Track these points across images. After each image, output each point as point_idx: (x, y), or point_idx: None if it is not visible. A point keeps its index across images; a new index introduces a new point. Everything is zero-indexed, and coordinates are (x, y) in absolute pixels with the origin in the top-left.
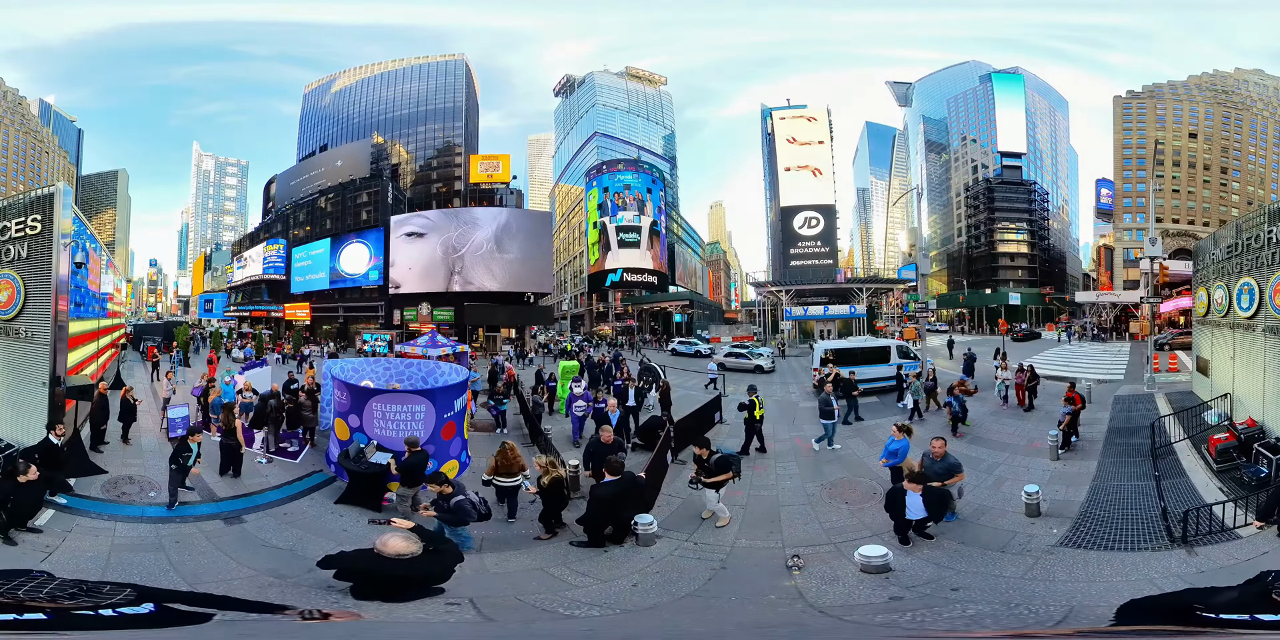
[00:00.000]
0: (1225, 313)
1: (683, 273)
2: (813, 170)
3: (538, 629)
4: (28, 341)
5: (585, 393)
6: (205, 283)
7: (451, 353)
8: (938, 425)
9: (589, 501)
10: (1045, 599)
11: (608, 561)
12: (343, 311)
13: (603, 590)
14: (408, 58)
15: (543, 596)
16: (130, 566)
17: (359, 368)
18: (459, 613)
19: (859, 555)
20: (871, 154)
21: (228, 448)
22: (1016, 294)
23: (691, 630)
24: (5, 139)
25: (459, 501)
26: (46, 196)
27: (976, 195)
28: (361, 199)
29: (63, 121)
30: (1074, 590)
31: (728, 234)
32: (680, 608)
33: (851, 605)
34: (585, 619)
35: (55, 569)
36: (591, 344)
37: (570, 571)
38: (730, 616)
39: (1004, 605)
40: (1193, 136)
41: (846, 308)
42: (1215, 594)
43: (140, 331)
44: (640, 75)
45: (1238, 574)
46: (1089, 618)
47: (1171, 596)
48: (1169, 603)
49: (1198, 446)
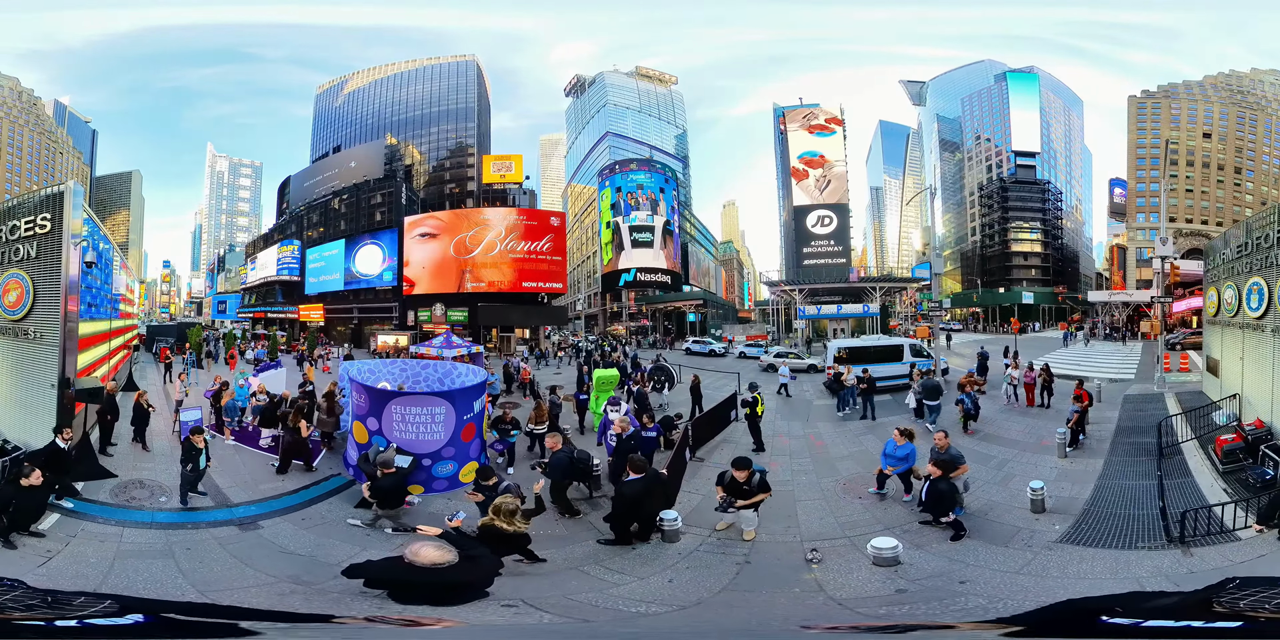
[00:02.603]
0: (1235, 313)
1: (696, 272)
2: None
3: (632, 627)
4: (37, 342)
5: (630, 417)
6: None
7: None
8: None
9: (614, 499)
10: (1030, 594)
11: (637, 559)
12: (357, 313)
13: (643, 587)
14: (418, 59)
15: (593, 595)
16: (133, 574)
17: (376, 369)
18: (524, 615)
19: (871, 547)
20: (885, 153)
21: (294, 444)
22: (1030, 293)
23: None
24: (20, 139)
25: (506, 486)
26: (56, 195)
27: (990, 194)
28: (375, 200)
29: (77, 122)
30: (1059, 586)
31: (741, 233)
32: (725, 603)
33: (865, 597)
34: (655, 617)
35: (52, 575)
36: (609, 344)
37: (605, 569)
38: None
39: (989, 600)
40: (1207, 136)
41: (860, 307)
42: (1153, 598)
43: (153, 333)
44: (651, 74)
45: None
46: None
47: (1108, 599)
48: (1101, 605)
49: (1204, 447)
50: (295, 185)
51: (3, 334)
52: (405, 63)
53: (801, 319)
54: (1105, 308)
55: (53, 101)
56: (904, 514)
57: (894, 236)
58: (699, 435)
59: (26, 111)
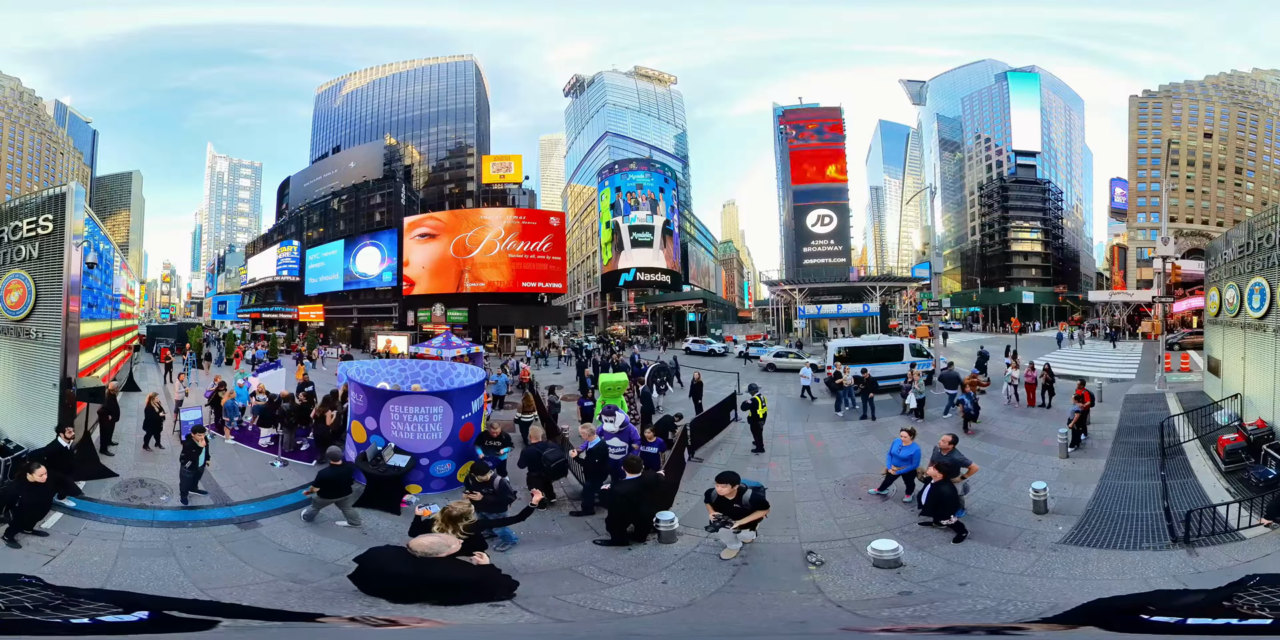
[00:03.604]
0: (1236, 313)
1: (696, 272)
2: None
3: (608, 628)
4: (39, 342)
5: (629, 427)
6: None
7: (466, 354)
8: (948, 425)
9: (610, 500)
10: (1036, 595)
11: (633, 560)
12: (357, 313)
13: (636, 588)
14: (417, 59)
15: (583, 596)
16: (137, 572)
17: (375, 369)
18: (510, 614)
19: (871, 550)
20: (885, 152)
21: (322, 436)
22: (1030, 293)
23: (737, 625)
24: (20, 140)
25: (503, 482)
26: (58, 196)
27: (990, 194)
28: (375, 200)
29: (78, 123)
30: (1065, 587)
31: (741, 233)
32: (716, 604)
33: (865, 600)
34: (640, 618)
35: (57, 573)
36: (607, 344)
37: (599, 570)
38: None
39: (995, 601)
40: (1208, 136)
41: (860, 306)
42: (1180, 596)
43: (153, 333)
44: (650, 74)
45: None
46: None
47: (1138, 597)
48: (1134, 603)
49: (1206, 447)
50: (295, 186)
51: (5, 334)
52: (404, 63)
53: (801, 318)
54: (1106, 307)
55: (54, 102)
56: (905, 515)
57: (894, 236)
58: (699, 435)
59: (28, 112)
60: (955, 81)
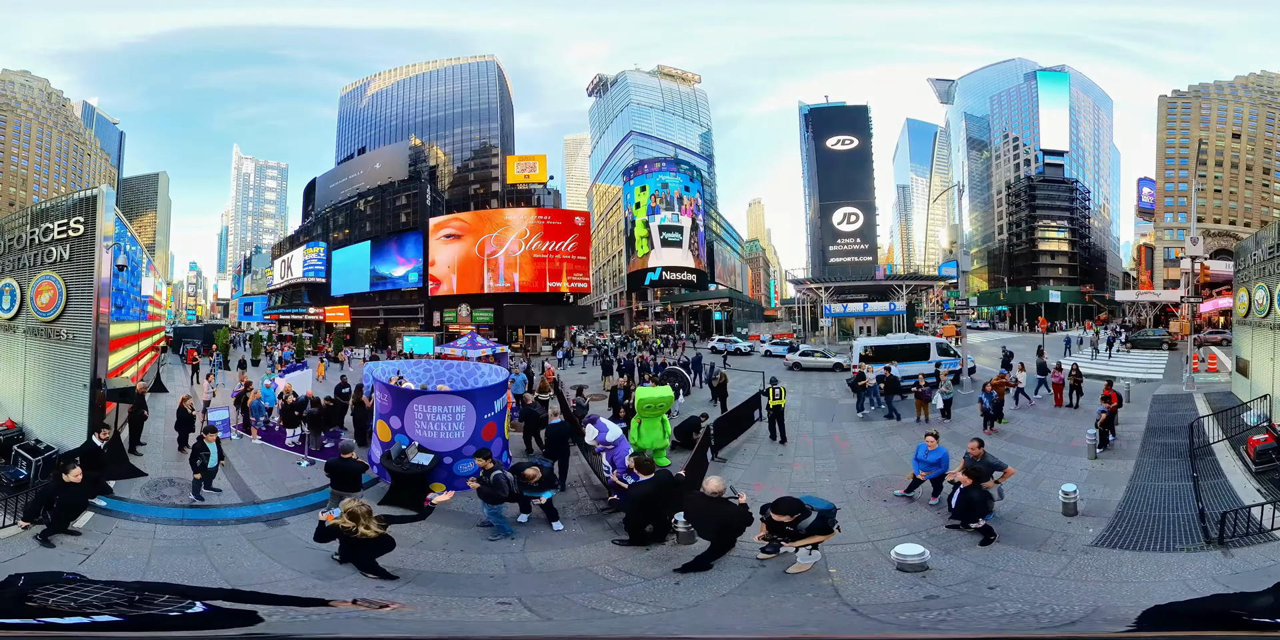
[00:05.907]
0: (1266, 313)
1: (722, 271)
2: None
3: (593, 627)
4: (69, 343)
5: (620, 447)
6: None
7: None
8: (973, 425)
9: (627, 502)
10: (1072, 599)
11: (650, 560)
12: (383, 314)
13: (646, 588)
14: (439, 60)
15: (591, 596)
16: (172, 569)
17: (400, 369)
18: (513, 611)
19: (895, 554)
20: (912, 151)
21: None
22: (1057, 292)
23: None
24: (48, 141)
25: (497, 475)
26: (90, 199)
27: (1018, 193)
28: (400, 201)
29: (105, 124)
30: (1103, 590)
31: (766, 231)
32: (721, 606)
33: (886, 604)
34: (630, 617)
35: (95, 571)
36: (660, 342)
37: (614, 570)
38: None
39: (1029, 605)
40: (1236, 137)
41: (886, 305)
42: (1250, 599)
43: (180, 334)
44: (673, 73)
45: (1274, 576)
46: (1109, 619)
47: (1199, 602)
48: (1195, 608)
49: (1236, 447)
50: (321, 187)
51: (35, 335)
52: (426, 64)
53: (827, 317)
54: (1133, 307)
55: (81, 103)
56: (931, 517)
57: (921, 234)
58: (722, 436)
59: (56, 113)
60: (984, 80)
